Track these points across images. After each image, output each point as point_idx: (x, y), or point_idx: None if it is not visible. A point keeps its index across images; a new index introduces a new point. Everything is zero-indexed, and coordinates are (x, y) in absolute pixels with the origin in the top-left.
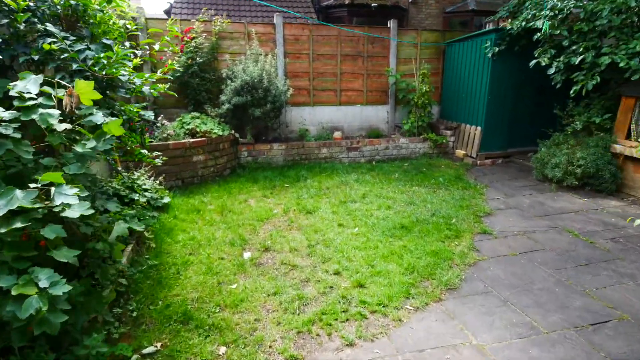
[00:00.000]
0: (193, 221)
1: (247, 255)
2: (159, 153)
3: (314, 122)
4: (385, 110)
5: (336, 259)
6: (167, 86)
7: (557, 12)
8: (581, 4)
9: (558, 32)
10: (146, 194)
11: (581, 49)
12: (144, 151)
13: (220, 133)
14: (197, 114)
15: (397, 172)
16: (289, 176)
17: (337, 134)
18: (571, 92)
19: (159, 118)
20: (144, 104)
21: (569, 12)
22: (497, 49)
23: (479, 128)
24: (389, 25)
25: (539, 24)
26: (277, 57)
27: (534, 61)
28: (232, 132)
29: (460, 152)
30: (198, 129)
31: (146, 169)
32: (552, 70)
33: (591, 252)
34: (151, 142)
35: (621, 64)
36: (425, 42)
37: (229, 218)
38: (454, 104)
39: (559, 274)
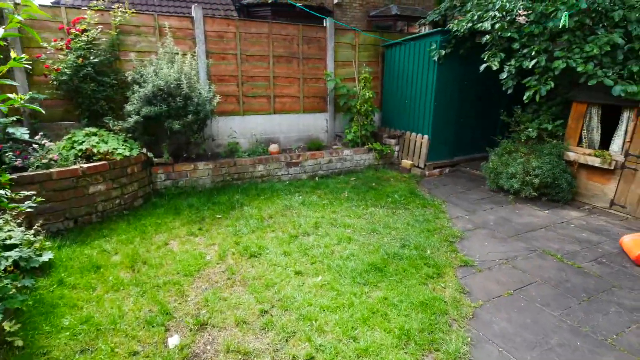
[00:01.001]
0: (89, 287)
1: (173, 341)
2: (31, 193)
3: (245, 134)
4: (324, 118)
5: (304, 333)
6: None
7: (504, 13)
8: (530, 5)
9: (509, 34)
10: (11, 253)
11: (533, 53)
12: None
13: (127, 153)
14: (93, 130)
15: (345, 190)
16: (220, 203)
17: (273, 147)
18: (525, 97)
19: (38, 137)
20: (14, 117)
21: (517, 13)
22: (443, 52)
23: (425, 136)
24: (325, 24)
25: (487, 25)
26: (198, 57)
27: (484, 65)
28: (144, 150)
29: (407, 163)
30: (96, 150)
31: (13, 213)
32: (504, 75)
33: (584, 281)
34: (20, 171)
35: (579, 69)
36: (364, 44)
37: (143, 275)
38: (396, 111)
39: (569, 318)
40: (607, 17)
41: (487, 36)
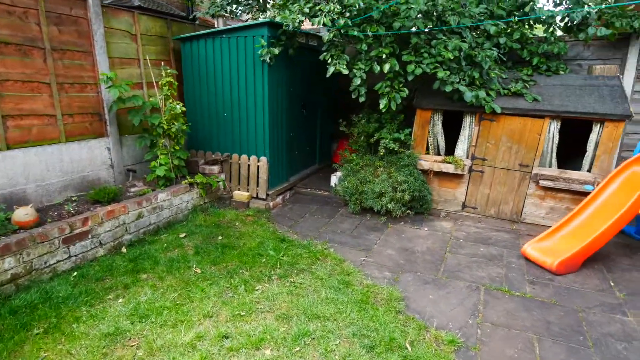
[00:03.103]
0: None
1: None
2: None
3: None
4: (104, 146)
5: None
6: None
7: (344, 8)
8: (373, 1)
9: (355, 33)
10: None
11: (384, 56)
12: None
13: None
14: None
15: (189, 262)
16: None
17: (21, 214)
18: (381, 106)
19: None
20: None
21: (358, 8)
22: (276, 50)
23: (263, 159)
24: None
25: (325, 20)
26: None
27: (331, 69)
28: None
29: (241, 195)
30: None
31: None
32: (357, 82)
33: (561, 320)
34: None
35: (440, 75)
36: (149, 34)
37: None
38: (209, 128)
39: None
40: (444, 22)
41: (328, 34)
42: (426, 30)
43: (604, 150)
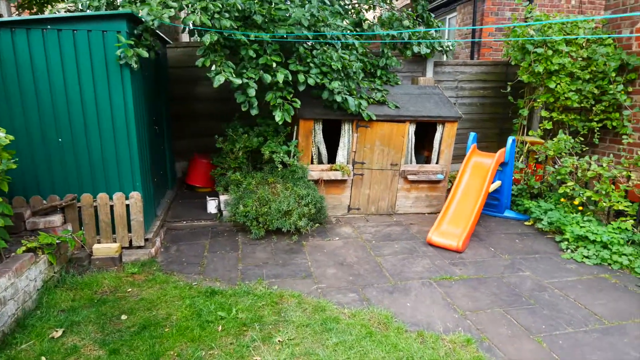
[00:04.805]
0: None
1: None
2: None
3: None
4: None
5: None
6: None
7: (223, 7)
8: (255, 5)
9: (240, 37)
10: None
11: (274, 64)
12: None
13: None
14: None
15: None
16: None
17: None
18: (278, 119)
19: None
20: None
21: (237, 8)
22: (145, 52)
23: (135, 194)
24: None
25: (202, 19)
26: None
27: (220, 78)
28: None
29: (108, 249)
30: None
31: None
32: (251, 92)
33: (499, 289)
34: None
35: (334, 85)
36: None
37: None
38: (32, 162)
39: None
40: (319, 33)
41: (207, 37)
42: (311, 39)
43: (446, 145)
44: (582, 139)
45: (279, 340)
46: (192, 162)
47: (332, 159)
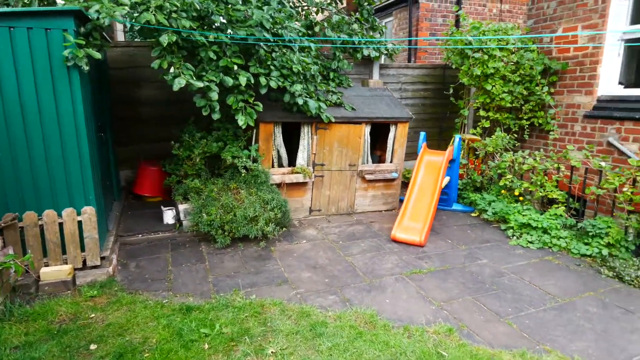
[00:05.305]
0: None
1: None
2: None
3: None
4: None
5: None
6: None
7: (171, 3)
8: (212, 5)
9: (200, 37)
10: None
11: (235, 67)
12: None
13: None
14: None
15: None
16: None
17: None
18: (241, 123)
19: None
20: None
21: (195, 8)
22: (97, 53)
23: (88, 209)
24: None
25: (160, 18)
26: None
27: (180, 81)
28: None
29: (59, 272)
30: None
31: None
32: (214, 96)
33: (465, 278)
34: None
35: (296, 87)
36: None
37: None
38: None
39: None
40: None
41: (165, 37)
42: (272, 42)
43: (399, 145)
44: (515, 135)
45: (272, 352)
46: (140, 170)
47: (291, 162)
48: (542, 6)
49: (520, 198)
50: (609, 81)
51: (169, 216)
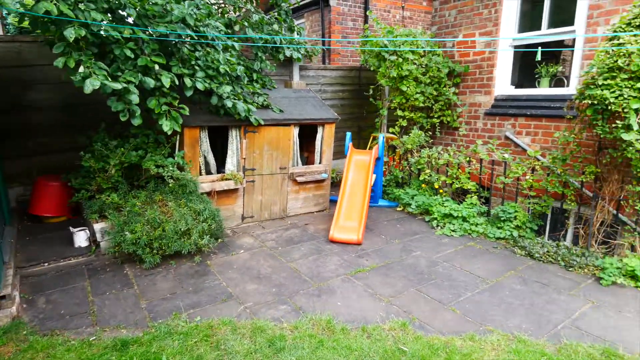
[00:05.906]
0: None
1: None
2: None
3: None
4: None
5: None
6: None
7: None
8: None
9: (114, 33)
10: None
11: (156, 66)
12: None
13: None
14: None
15: None
16: None
17: None
18: (167, 129)
19: None
20: None
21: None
22: None
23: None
24: None
25: (64, 7)
26: None
27: (93, 82)
28: None
29: None
30: None
31: None
32: (134, 99)
33: (406, 271)
34: None
35: (226, 89)
36: None
37: None
38: None
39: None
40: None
41: (71, 31)
42: (195, 39)
43: (327, 146)
44: (429, 133)
45: None
46: (37, 187)
47: (219, 168)
48: (444, 14)
49: (440, 191)
50: (503, 82)
51: (81, 238)
